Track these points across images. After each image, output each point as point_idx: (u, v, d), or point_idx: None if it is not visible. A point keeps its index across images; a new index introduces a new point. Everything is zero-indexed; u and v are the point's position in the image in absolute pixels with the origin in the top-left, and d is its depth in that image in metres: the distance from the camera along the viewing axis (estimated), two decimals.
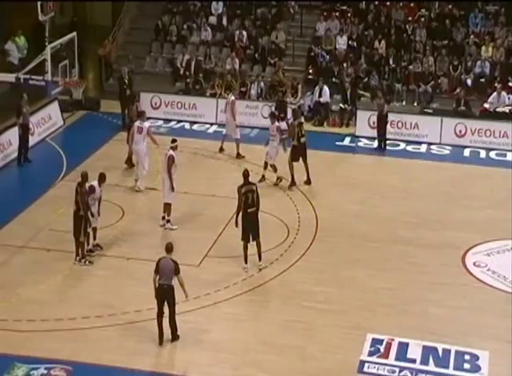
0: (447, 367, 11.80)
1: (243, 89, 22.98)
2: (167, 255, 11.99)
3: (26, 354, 11.68)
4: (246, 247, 14.20)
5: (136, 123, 17.47)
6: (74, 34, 22.91)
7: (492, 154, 20.53)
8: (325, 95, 22.07)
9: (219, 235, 15.46)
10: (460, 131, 21.04)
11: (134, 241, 15.21)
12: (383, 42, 23.77)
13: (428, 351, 12.06)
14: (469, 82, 22.79)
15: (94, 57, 25.52)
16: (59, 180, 17.92)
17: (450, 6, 24.52)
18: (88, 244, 14.47)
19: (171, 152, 15.58)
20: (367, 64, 23.47)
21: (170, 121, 22.03)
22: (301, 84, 22.77)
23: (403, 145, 20.99)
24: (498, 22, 24.00)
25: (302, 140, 17.94)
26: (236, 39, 24.58)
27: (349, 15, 24.89)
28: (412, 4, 24.93)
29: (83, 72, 24.60)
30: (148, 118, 21.86)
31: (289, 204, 17.11)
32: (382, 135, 20.52)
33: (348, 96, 22.18)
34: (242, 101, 22.09)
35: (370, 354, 11.99)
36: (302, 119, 18.86)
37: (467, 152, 20.67)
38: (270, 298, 13.57)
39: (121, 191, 17.19)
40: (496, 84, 22.25)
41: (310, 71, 23.66)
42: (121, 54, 25.32)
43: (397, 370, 11.69)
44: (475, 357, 11.99)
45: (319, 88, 22.09)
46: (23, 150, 19.01)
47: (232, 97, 19.69)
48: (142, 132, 17.22)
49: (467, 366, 11.85)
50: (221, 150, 19.81)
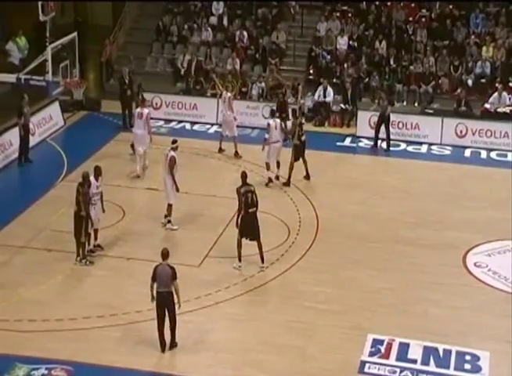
0: (448, 368, 11.80)
1: (244, 89, 22.99)
2: (163, 262, 11.79)
3: (27, 354, 11.69)
4: (241, 245, 14.20)
5: (138, 109, 18.25)
6: (75, 35, 22.92)
7: (493, 155, 20.53)
8: (329, 95, 22.07)
9: (220, 235, 15.46)
10: (461, 131, 21.05)
11: (134, 241, 15.22)
12: (383, 42, 23.78)
13: (429, 351, 12.06)
14: (470, 83, 22.81)
15: (95, 57, 25.54)
16: (60, 180, 17.93)
17: (451, 7, 24.53)
18: (89, 245, 14.47)
19: (172, 152, 15.55)
20: (368, 64, 23.48)
21: (171, 122, 22.04)
22: (302, 84, 22.72)
23: (404, 145, 20.99)
24: (499, 22, 24.01)
25: (302, 139, 18.06)
26: (237, 39, 24.59)
27: (350, 15, 24.90)
28: (412, 4, 24.94)
29: (84, 72, 24.60)
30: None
31: (289, 205, 17.12)
32: (387, 136, 20.46)
33: (349, 97, 22.19)
34: (243, 101, 22.13)
35: (371, 354, 11.99)
36: (303, 119, 18.84)
37: (468, 152, 20.68)
38: (270, 299, 13.57)
39: (122, 191, 17.19)
40: (497, 84, 22.25)
41: (311, 72, 23.66)
42: (122, 54, 25.34)
43: (398, 370, 11.69)
44: (476, 357, 11.99)
45: (323, 88, 22.08)
46: (24, 151, 19.02)
47: (228, 94, 19.68)
48: (142, 117, 17.89)
49: (468, 366, 11.85)
50: (220, 151, 19.81)
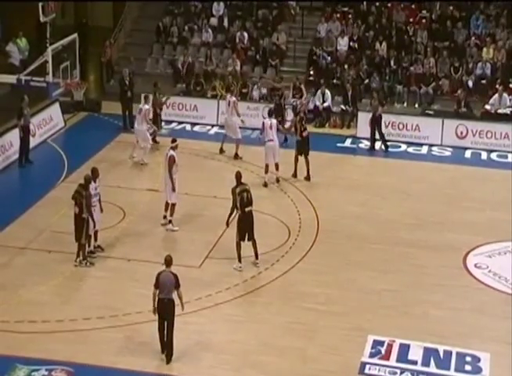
0: (448, 369, 11.80)
1: (245, 90, 23.00)
2: (166, 269, 11.68)
3: (27, 355, 11.69)
4: (240, 246, 14.20)
5: (140, 105, 19.07)
6: (75, 36, 22.93)
7: (493, 156, 20.53)
8: (327, 99, 22.08)
9: (220, 236, 15.44)
10: (461, 132, 21.05)
11: (135, 242, 15.21)
12: (384, 44, 23.78)
13: (429, 352, 12.05)
14: (470, 84, 22.80)
15: (95, 59, 25.54)
16: (60, 182, 17.92)
17: (451, 8, 24.53)
18: (89, 246, 14.46)
19: (172, 152, 15.60)
20: (368, 66, 23.48)
21: (171, 123, 22.03)
22: (303, 84, 22.75)
23: (404, 146, 20.99)
24: (499, 24, 24.00)
25: (305, 134, 18.18)
26: (237, 40, 24.59)
27: (350, 16, 24.90)
28: (413, 5, 24.94)
29: (84, 73, 24.60)
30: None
31: (290, 206, 17.11)
32: (380, 136, 20.48)
33: (349, 98, 22.19)
34: (243, 102, 22.11)
35: (371, 355, 11.99)
36: (302, 114, 18.98)
37: (468, 153, 20.68)
38: (271, 300, 13.55)
39: (123, 193, 17.19)
40: (497, 85, 22.25)
41: (311, 73, 23.66)
42: (122, 55, 25.35)
43: (398, 371, 11.68)
44: (476, 359, 11.99)
45: (322, 92, 22.09)
46: (24, 152, 19.02)
47: (233, 98, 19.71)
48: (141, 113, 18.77)
49: (468, 367, 11.85)
50: (221, 152, 19.81)
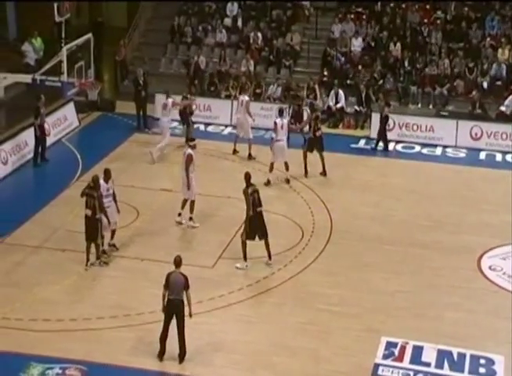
0: (462, 371, 11.74)
1: (258, 91, 23.00)
2: (176, 270, 11.69)
3: (41, 354, 11.74)
4: (246, 245, 14.23)
5: (163, 100, 19.70)
6: (90, 36, 23.01)
7: (508, 157, 20.40)
8: (341, 100, 22.05)
9: (233, 236, 15.43)
10: (476, 134, 20.95)
11: (148, 242, 15.24)
12: (398, 44, 23.71)
13: (443, 355, 12.00)
14: (485, 85, 22.68)
15: (110, 58, 25.62)
16: (75, 181, 17.99)
17: (466, 9, 24.42)
18: (103, 245, 14.49)
19: (190, 150, 15.73)
20: (382, 66, 23.41)
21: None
22: (317, 85, 22.74)
23: (418, 148, 20.93)
24: None
25: (318, 133, 18.32)
26: (251, 41, 24.60)
27: (364, 17, 24.85)
28: (427, 6, 24.85)
29: (98, 73, 24.68)
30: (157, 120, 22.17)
31: (303, 206, 17.09)
32: (383, 137, 20.43)
33: (363, 99, 22.14)
34: (257, 103, 22.13)
35: (384, 357, 11.95)
36: (319, 113, 19.08)
37: (483, 155, 20.58)
38: (284, 300, 13.54)
39: (136, 192, 17.22)
40: None
41: (325, 73, 23.63)
42: (137, 55, 25.42)
43: (411, 373, 11.63)
44: (491, 361, 11.92)
45: (335, 93, 22.06)
46: (41, 151, 19.07)
47: (246, 97, 19.73)
48: (167, 108, 19.46)
49: (483, 370, 11.78)
50: (234, 152, 19.82)
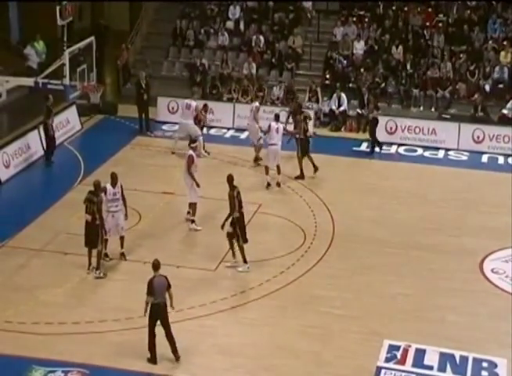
0: (464, 374, 11.71)
1: (260, 94, 23.02)
2: (155, 273, 11.69)
3: (43, 357, 11.75)
4: (243, 248, 14.20)
5: (186, 100, 19.91)
6: (92, 39, 23.05)
7: (510, 160, 20.40)
8: (343, 103, 22.05)
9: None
10: (478, 137, 20.94)
11: (151, 245, 15.24)
12: (400, 47, 23.72)
13: (445, 358, 11.99)
14: (487, 88, 22.67)
15: (112, 62, 25.66)
16: (77, 184, 18.02)
17: (468, 12, 24.42)
18: (105, 249, 14.43)
19: (191, 152, 15.82)
20: (384, 69, 23.42)
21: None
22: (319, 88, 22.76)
23: (420, 150, 20.93)
24: None
25: (308, 134, 18.59)
26: (253, 44, 24.62)
27: (366, 20, 24.85)
28: (430, 9, 24.85)
29: (101, 76, 24.72)
30: (165, 123, 22.23)
31: (305, 209, 17.09)
32: (371, 137, 20.47)
33: (365, 102, 22.15)
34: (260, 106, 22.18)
35: (387, 360, 11.94)
36: (308, 113, 19.25)
37: (485, 158, 20.57)
38: (286, 303, 13.53)
39: (138, 195, 17.23)
40: None
41: (327, 76, 23.64)
42: (139, 59, 25.45)
43: None
44: (493, 365, 11.90)
45: (337, 96, 22.06)
46: (52, 150, 19.25)
47: (255, 103, 19.75)
48: (191, 109, 19.64)
49: (485, 373, 11.76)
50: (256, 160, 19.35)
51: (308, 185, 18.26)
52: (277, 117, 18.52)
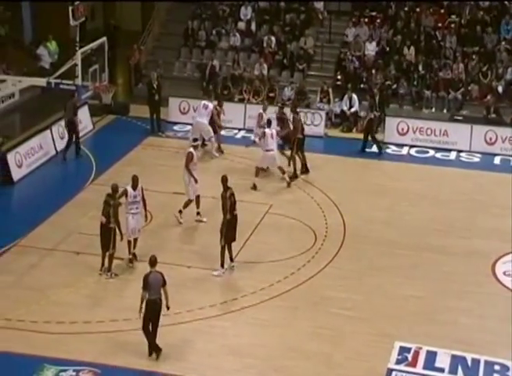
0: None
1: (272, 95, 23.02)
2: (152, 269, 11.75)
3: (55, 356, 11.80)
4: (225, 251, 14.18)
5: (204, 101, 19.97)
6: (104, 39, 23.12)
7: None
8: (354, 104, 22.01)
9: (246, 240, 15.46)
10: (490, 138, 20.85)
11: (162, 245, 15.24)
12: (412, 48, 23.66)
13: (457, 360, 11.95)
14: (500, 89, 22.57)
15: (124, 62, 25.73)
16: (89, 184, 18.08)
17: (481, 12, 24.32)
18: (130, 254, 14.37)
19: (191, 149, 16.07)
20: (396, 71, 23.37)
21: None
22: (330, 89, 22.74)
23: (432, 152, 20.85)
24: None
25: (304, 133, 18.67)
26: (265, 45, 24.63)
27: (378, 21, 24.80)
28: (442, 10, 24.77)
29: (113, 77, 24.79)
30: (176, 123, 22.27)
31: (316, 210, 17.07)
32: (365, 138, 20.39)
33: (377, 103, 22.09)
34: (270, 107, 22.12)
35: (398, 362, 11.91)
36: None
37: (498, 160, 20.46)
38: (297, 304, 13.52)
39: (149, 196, 17.18)
40: None
41: (338, 77, 23.61)
42: (151, 59, 25.50)
43: None
44: (505, 368, 11.85)
45: (348, 97, 22.03)
46: (67, 147, 19.55)
47: (259, 111, 19.69)
48: (208, 109, 19.64)
49: None
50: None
51: (319, 186, 18.23)
52: (270, 123, 18.46)
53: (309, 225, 16.27)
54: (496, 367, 11.85)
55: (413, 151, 20.93)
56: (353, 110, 22.08)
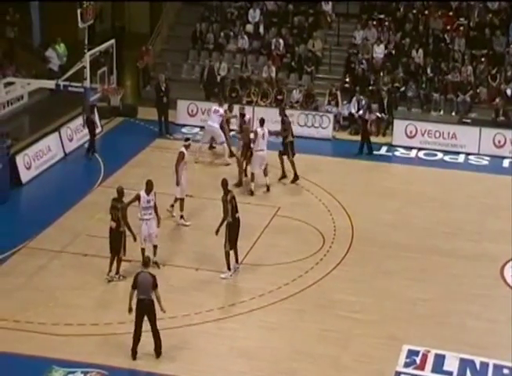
0: None
1: (280, 97, 23.02)
2: (144, 270, 11.77)
3: (63, 357, 11.82)
4: (229, 255, 14.16)
5: (214, 106, 19.94)
6: (113, 42, 23.16)
7: None
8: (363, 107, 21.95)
9: (254, 243, 15.46)
10: (499, 141, 20.78)
11: (169, 248, 15.26)
12: (420, 51, 23.62)
13: (465, 364, 11.90)
14: (508, 92, 22.48)
15: (132, 64, 25.78)
16: (97, 186, 18.12)
17: (490, 15, 24.26)
18: (153, 255, 14.29)
19: (182, 149, 16.10)
20: (404, 73, 23.34)
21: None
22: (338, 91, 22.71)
23: (441, 155, 20.80)
24: None
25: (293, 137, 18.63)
26: (273, 47, 24.62)
27: (387, 23, 24.78)
28: (450, 13, 24.72)
29: (121, 79, 24.84)
30: (184, 125, 22.29)
31: (324, 213, 17.05)
32: (367, 139, 20.43)
33: (385, 105, 22.07)
34: (278, 109, 22.14)
35: (406, 365, 11.88)
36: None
37: (506, 163, 20.39)
38: (305, 307, 13.50)
39: (157, 198, 17.25)
40: None
41: (346, 80, 23.60)
42: (159, 61, 25.55)
43: None
44: None
45: (357, 100, 21.99)
46: (89, 143, 19.95)
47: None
48: (218, 113, 19.57)
49: None
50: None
51: (327, 188, 18.20)
52: (262, 123, 18.39)
53: (317, 227, 16.25)
54: (505, 371, 11.79)
55: (422, 154, 20.89)
56: (361, 113, 22.02)
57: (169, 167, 19.12)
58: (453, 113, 22.73)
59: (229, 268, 14.24)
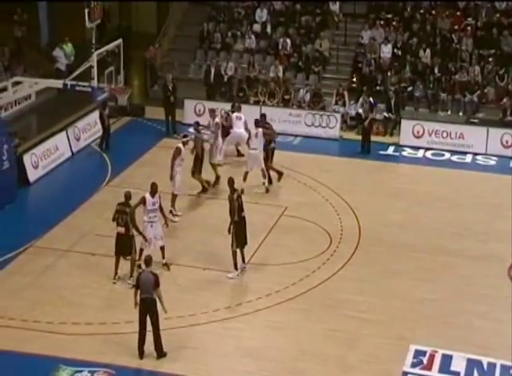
0: None
1: (287, 97, 23.01)
2: (146, 269, 11.79)
3: (70, 356, 11.85)
4: (236, 254, 14.15)
5: (235, 113, 19.60)
6: (120, 41, 23.19)
7: None
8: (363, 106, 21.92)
9: (261, 243, 15.46)
10: (507, 141, 20.72)
11: (176, 247, 15.26)
12: (428, 51, 23.57)
13: (473, 364, 11.88)
14: None
15: (139, 64, 25.82)
16: (104, 185, 18.15)
17: (498, 15, 24.19)
18: (139, 260, 14.24)
19: (180, 145, 16.21)
20: (412, 73, 23.30)
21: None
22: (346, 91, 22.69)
23: (448, 155, 20.76)
24: None
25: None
26: (280, 47, 24.62)
27: (394, 23, 24.73)
28: (458, 13, 24.66)
29: (128, 79, 24.87)
30: (191, 125, 22.23)
31: (331, 213, 17.04)
32: (367, 139, 20.48)
33: (392, 105, 22.03)
34: (285, 109, 22.19)
35: (413, 365, 11.86)
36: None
37: None
38: (311, 307, 13.50)
39: (163, 197, 17.24)
40: None
41: (354, 80, 23.56)
42: (166, 61, 25.57)
43: None
44: None
45: (364, 100, 21.95)
46: (101, 138, 20.31)
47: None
48: (242, 119, 19.34)
49: None
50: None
51: (335, 189, 18.19)
52: (256, 122, 18.38)
53: (324, 227, 16.24)
54: None
55: (429, 154, 20.85)
56: (361, 111, 21.88)
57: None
58: (461, 113, 22.67)
59: (236, 268, 14.25)
